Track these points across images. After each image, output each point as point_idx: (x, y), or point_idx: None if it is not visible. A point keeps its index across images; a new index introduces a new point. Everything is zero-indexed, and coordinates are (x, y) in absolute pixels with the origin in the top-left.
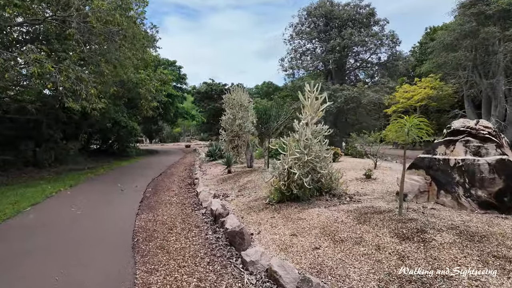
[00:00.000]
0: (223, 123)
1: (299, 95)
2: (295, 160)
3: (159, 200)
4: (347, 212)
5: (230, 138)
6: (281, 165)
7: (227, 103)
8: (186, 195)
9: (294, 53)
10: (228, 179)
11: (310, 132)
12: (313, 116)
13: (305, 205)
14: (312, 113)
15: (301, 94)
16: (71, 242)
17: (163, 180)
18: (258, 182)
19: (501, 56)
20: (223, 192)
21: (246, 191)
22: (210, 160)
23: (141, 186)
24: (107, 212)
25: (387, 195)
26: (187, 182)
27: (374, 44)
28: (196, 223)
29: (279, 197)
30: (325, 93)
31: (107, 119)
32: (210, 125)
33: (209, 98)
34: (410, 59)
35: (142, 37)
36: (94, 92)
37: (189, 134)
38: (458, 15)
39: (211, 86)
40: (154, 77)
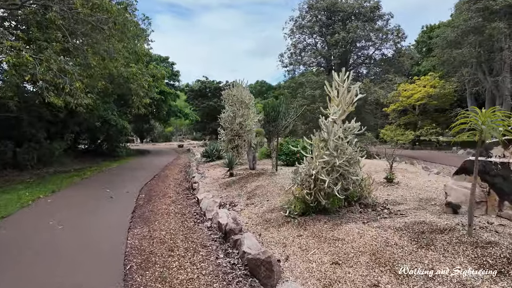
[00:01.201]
0: (222, 121)
1: (325, 87)
2: (322, 164)
3: (154, 209)
4: (395, 230)
5: (230, 138)
6: (305, 170)
7: (226, 100)
8: (185, 202)
9: (294, 49)
10: (232, 183)
11: (341, 131)
12: (344, 110)
13: (336, 219)
14: (344, 107)
15: (328, 85)
16: (43, 274)
17: (157, 184)
18: (269, 188)
19: (508, 53)
20: (229, 199)
21: (256, 199)
22: (207, 161)
23: (133, 191)
24: (93, 226)
25: (427, 204)
26: (184, 186)
27: (380, 38)
28: (202, 240)
29: (302, 208)
30: (358, 83)
31: (96, 117)
32: (204, 124)
33: (202, 96)
34: (416, 55)
35: (134, 26)
36: (79, 86)
37: (181, 133)
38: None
39: (205, 84)
40: (147, 72)
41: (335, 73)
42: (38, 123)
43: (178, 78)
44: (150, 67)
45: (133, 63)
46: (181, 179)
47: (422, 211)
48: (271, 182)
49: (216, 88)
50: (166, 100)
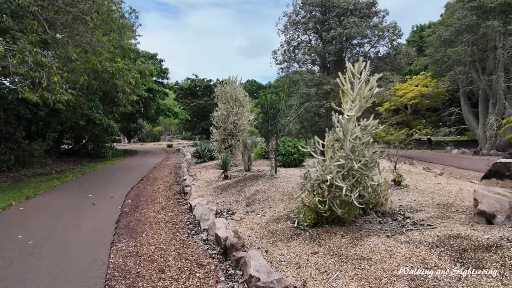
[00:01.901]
0: (214, 119)
1: (338, 79)
2: (337, 168)
3: (142, 218)
4: (429, 246)
5: (223, 137)
6: (317, 174)
7: (219, 97)
8: (177, 209)
9: (288, 46)
10: (227, 187)
11: (359, 129)
12: (362, 106)
13: (354, 232)
14: (362, 102)
15: (342, 77)
16: None
17: (145, 188)
18: (270, 192)
19: (502, 52)
20: (226, 206)
21: (257, 206)
22: (198, 162)
23: (119, 196)
24: (71, 240)
25: (448, 212)
26: (174, 190)
27: (376, 35)
28: (198, 257)
29: (313, 218)
30: (377, 75)
31: (80, 116)
32: (194, 124)
33: (192, 95)
34: (412, 53)
35: (119, 17)
36: (58, 80)
37: (170, 133)
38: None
39: (195, 82)
40: (134, 68)
41: (350, 64)
42: (15, 122)
43: (167, 75)
44: (138, 63)
45: (119, 58)
46: (171, 182)
47: (448, 221)
48: (272, 186)
49: (207, 87)
50: (154, 98)
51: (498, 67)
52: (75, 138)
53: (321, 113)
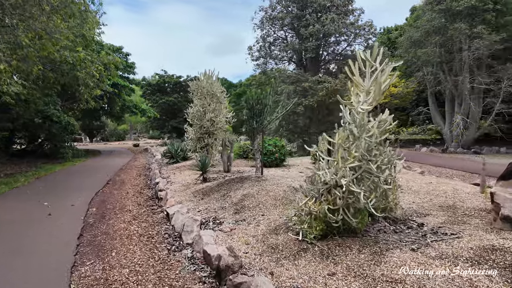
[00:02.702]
0: (189, 116)
1: (348, 68)
2: (352, 171)
3: (110, 230)
4: (468, 262)
5: (199, 136)
6: (327, 178)
7: (195, 92)
8: (151, 218)
9: (263, 42)
10: (209, 191)
11: (376, 126)
12: (376, 99)
13: (371, 244)
14: (377, 94)
15: (352, 65)
16: None
17: (112, 193)
18: (260, 197)
19: (467, 54)
20: (211, 214)
21: (247, 213)
22: (170, 162)
23: (81, 204)
24: (16, 268)
25: (457, 215)
26: (146, 195)
27: (352, 33)
28: (185, 283)
29: (322, 229)
30: (392, 64)
31: (34, 112)
32: (163, 122)
33: (161, 92)
34: (387, 52)
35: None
36: (5, 69)
37: (135, 131)
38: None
39: (164, 78)
40: (98, 60)
41: (360, 52)
42: None
43: (133, 70)
44: (102, 54)
45: (81, 48)
46: (141, 186)
47: (467, 227)
48: (261, 190)
49: (176, 83)
50: (120, 94)
51: (464, 68)
52: (29, 137)
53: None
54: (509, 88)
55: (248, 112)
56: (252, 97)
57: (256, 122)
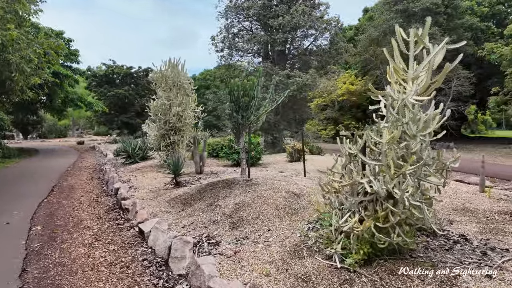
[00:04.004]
0: (151, 110)
1: (385, 50)
2: (402, 178)
3: (66, 259)
4: None
5: (163, 133)
6: (376, 188)
7: (158, 83)
8: (119, 237)
9: (226, 32)
10: (190, 199)
11: (424, 120)
12: (429, 85)
13: (428, 268)
14: (427, 82)
15: (396, 46)
16: None
17: (60, 204)
18: (258, 206)
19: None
20: (201, 231)
21: (248, 228)
22: (127, 163)
23: (20, 221)
24: None
25: (483, 220)
26: (105, 204)
27: (320, 27)
28: None
29: (367, 253)
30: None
31: None
32: (112, 117)
33: (109, 83)
34: (352, 49)
35: None
36: None
37: (78, 127)
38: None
39: (113, 69)
40: (36, 42)
41: (400, 30)
42: None
43: (77, 58)
44: (41, 36)
45: (13, 25)
46: (96, 192)
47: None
48: (256, 197)
49: (127, 75)
50: (62, 85)
51: None
52: None
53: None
54: (458, 87)
55: (232, 106)
56: (238, 88)
57: (242, 117)
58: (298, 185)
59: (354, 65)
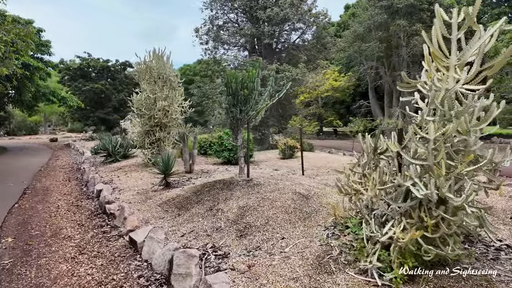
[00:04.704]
0: (135, 105)
1: (423, 33)
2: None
3: (45, 279)
4: None
5: (148, 129)
6: (423, 191)
7: (142, 76)
8: (106, 248)
9: (211, 24)
10: (185, 203)
11: (477, 112)
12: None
13: (483, 285)
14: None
15: (438, 27)
16: None
17: (35, 209)
18: (266, 210)
19: (406, 50)
20: (203, 240)
21: (258, 236)
22: (108, 161)
23: None
24: None
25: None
26: (87, 208)
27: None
28: None
29: (410, 266)
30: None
31: None
32: (87, 112)
33: (84, 77)
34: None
35: None
36: None
37: (50, 124)
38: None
39: (88, 62)
40: (1, 28)
41: (440, 10)
42: None
43: (49, 50)
44: (7, 23)
45: None
46: (75, 195)
47: None
48: (261, 199)
49: (103, 68)
50: (32, 78)
51: (403, 64)
52: None
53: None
54: None
55: (230, 99)
56: (236, 79)
57: (240, 112)
58: (304, 185)
59: (338, 61)
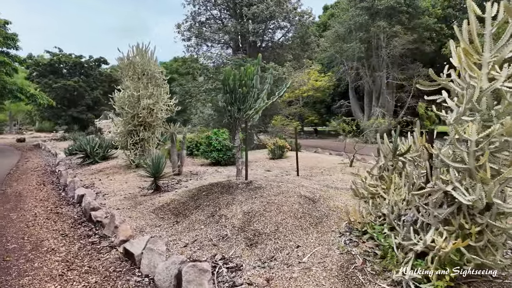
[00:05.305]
0: (117, 103)
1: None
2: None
3: None
4: None
5: (131, 129)
6: (468, 196)
7: (125, 72)
8: (98, 262)
9: (193, 21)
10: (182, 208)
11: None
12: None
13: None
14: None
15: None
16: None
17: (8, 218)
18: (273, 215)
19: (386, 51)
20: (210, 250)
21: (270, 244)
22: (85, 163)
23: None
24: None
25: None
26: (69, 216)
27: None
28: None
29: (449, 279)
30: None
31: None
32: (59, 111)
33: (55, 74)
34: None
35: None
36: None
37: (16, 123)
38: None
39: (59, 57)
40: None
41: (473, 4)
42: None
43: (15, 44)
44: None
45: None
46: (53, 201)
47: None
48: (267, 203)
49: (76, 64)
50: None
51: (382, 65)
52: None
53: None
54: None
55: (227, 97)
56: (234, 76)
57: (239, 111)
58: (307, 187)
59: (319, 61)
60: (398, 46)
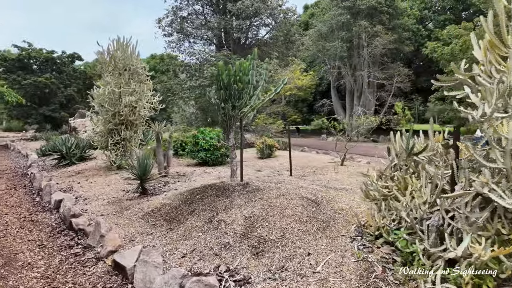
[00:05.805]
0: (96, 100)
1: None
2: None
3: None
4: None
5: (111, 127)
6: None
7: (105, 67)
8: (84, 278)
9: (174, 16)
10: (175, 213)
11: None
12: None
13: None
14: None
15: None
16: None
17: None
18: (277, 220)
19: (367, 51)
20: (213, 261)
21: (277, 253)
22: (62, 164)
23: None
24: None
25: None
26: (47, 223)
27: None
28: None
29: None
30: None
31: None
32: (29, 109)
33: (24, 70)
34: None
35: None
36: None
37: None
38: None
39: (28, 52)
40: None
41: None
42: None
43: None
44: None
45: None
46: (27, 207)
47: None
48: (269, 207)
49: (48, 60)
50: None
51: (364, 64)
52: None
53: None
54: (399, 83)
55: (221, 94)
56: (229, 72)
57: (233, 108)
58: (306, 188)
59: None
60: (379, 46)
